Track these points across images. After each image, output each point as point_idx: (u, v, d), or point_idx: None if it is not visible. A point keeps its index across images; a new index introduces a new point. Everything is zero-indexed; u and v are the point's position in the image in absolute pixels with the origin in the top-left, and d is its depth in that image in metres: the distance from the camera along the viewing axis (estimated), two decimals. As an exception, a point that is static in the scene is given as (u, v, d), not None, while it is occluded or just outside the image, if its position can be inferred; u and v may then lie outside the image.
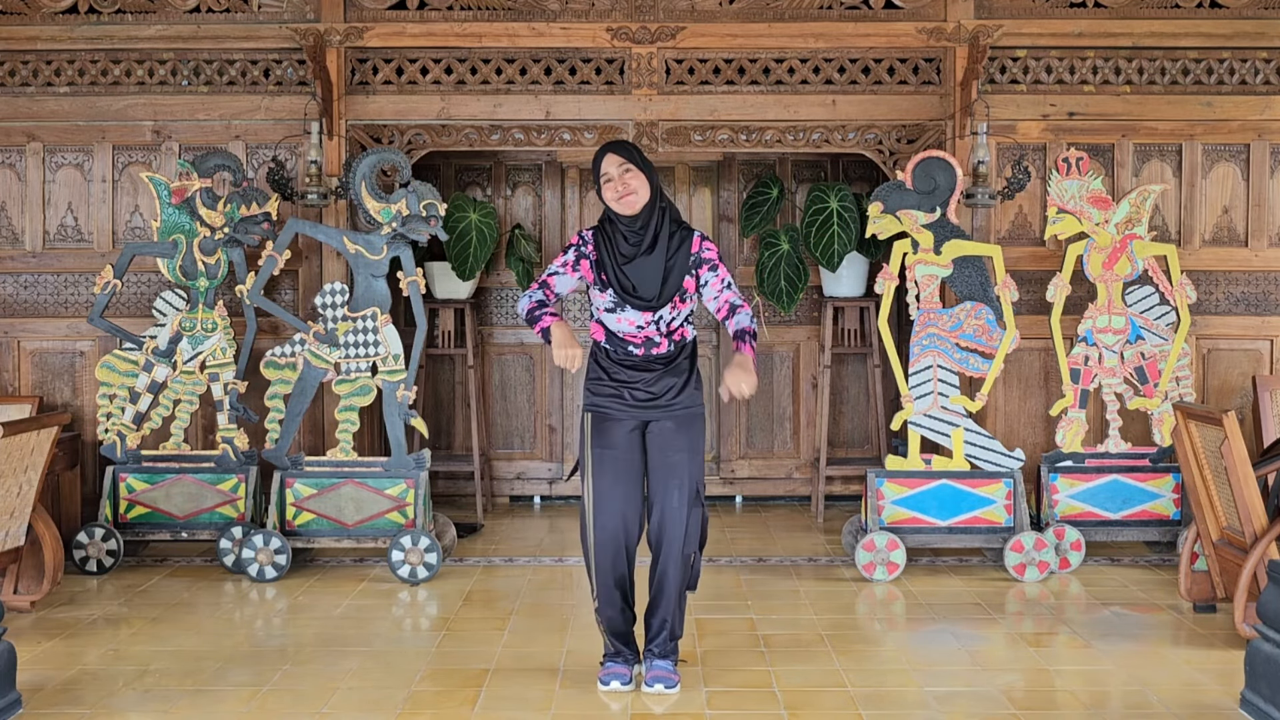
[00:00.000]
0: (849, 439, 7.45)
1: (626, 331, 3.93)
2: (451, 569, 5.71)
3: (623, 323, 3.92)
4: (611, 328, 3.95)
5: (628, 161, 3.87)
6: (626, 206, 3.87)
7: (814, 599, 5.16)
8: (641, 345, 3.93)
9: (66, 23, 6.19)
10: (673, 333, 3.95)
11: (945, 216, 5.68)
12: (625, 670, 3.99)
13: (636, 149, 3.93)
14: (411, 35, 6.19)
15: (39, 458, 4.64)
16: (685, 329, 3.99)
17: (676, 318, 3.94)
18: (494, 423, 7.48)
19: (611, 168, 3.87)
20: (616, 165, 3.87)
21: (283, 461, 5.63)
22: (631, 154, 3.89)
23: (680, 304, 3.94)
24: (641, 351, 3.93)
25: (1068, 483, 5.77)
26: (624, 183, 3.86)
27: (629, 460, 3.94)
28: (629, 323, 3.91)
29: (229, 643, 4.55)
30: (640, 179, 3.87)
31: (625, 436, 3.94)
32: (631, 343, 3.93)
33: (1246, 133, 6.21)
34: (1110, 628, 4.74)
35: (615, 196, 3.87)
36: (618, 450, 3.93)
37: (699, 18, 6.22)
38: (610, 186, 3.87)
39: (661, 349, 3.94)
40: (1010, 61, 6.21)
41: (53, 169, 6.27)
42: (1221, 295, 6.25)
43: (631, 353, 3.93)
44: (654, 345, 3.93)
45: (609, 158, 3.88)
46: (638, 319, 3.90)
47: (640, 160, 3.90)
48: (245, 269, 5.83)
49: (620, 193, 3.85)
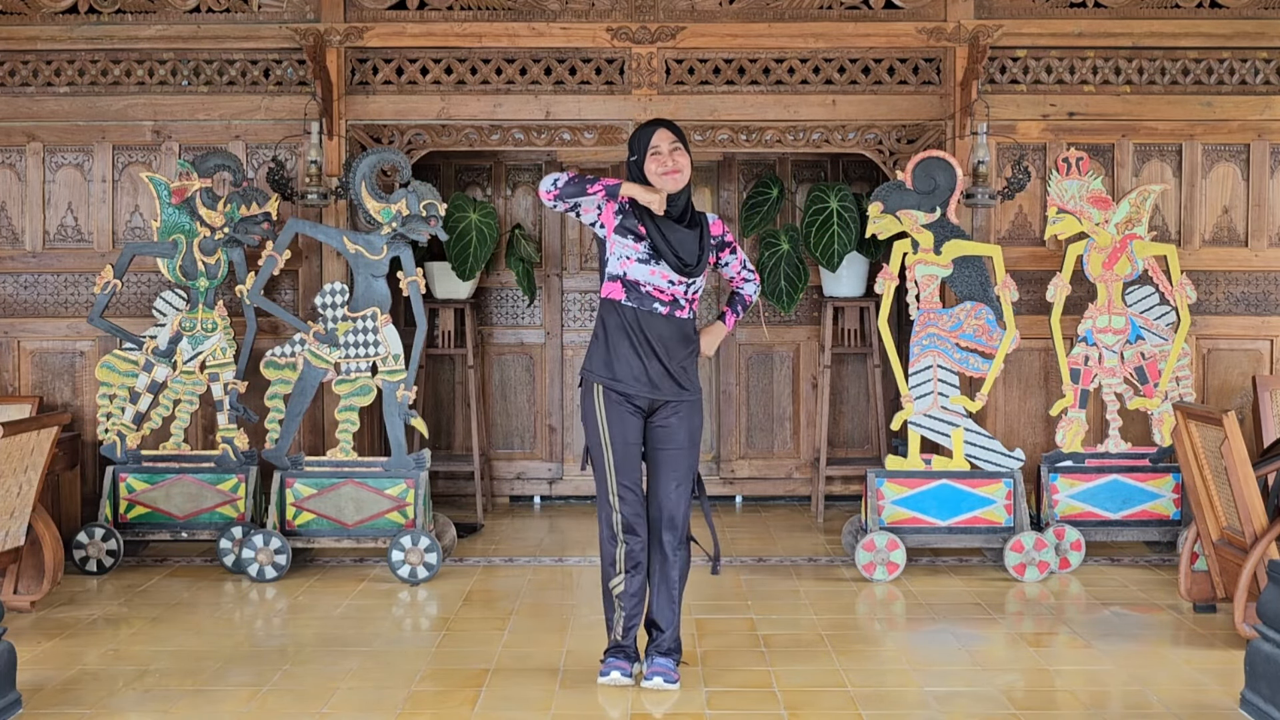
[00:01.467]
0: (849, 439, 7.45)
1: (657, 285, 3.95)
2: (451, 569, 5.71)
3: (656, 275, 3.94)
4: (641, 279, 3.94)
5: (679, 141, 3.97)
6: (671, 182, 3.93)
7: (814, 599, 5.16)
8: (668, 305, 3.96)
9: (66, 23, 6.19)
10: (691, 303, 4.03)
11: (945, 216, 5.68)
12: (626, 664, 4.00)
13: (682, 131, 4.04)
14: (411, 35, 6.19)
15: (39, 458, 4.63)
16: (696, 303, 4.08)
17: (698, 288, 4.03)
18: (494, 423, 7.48)
19: (663, 143, 3.94)
20: (669, 141, 3.95)
21: (283, 461, 5.63)
22: (681, 135, 4.00)
23: (704, 277, 4.06)
24: (666, 311, 3.96)
25: (1068, 483, 5.77)
26: (674, 160, 3.93)
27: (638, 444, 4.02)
28: (662, 277, 3.95)
29: (229, 643, 4.55)
30: (686, 159, 3.97)
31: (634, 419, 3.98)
32: (658, 299, 3.95)
33: (1246, 133, 6.21)
34: (1110, 628, 4.74)
35: (662, 171, 3.93)
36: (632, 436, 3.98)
37: (699, 18, 6.22)
38: (659, 160, 3.93)
39: (684, 313, 3.99)
40: (1010, 61, 6.21)
41: (53, 169, 6.27)
42: (1221, 295, 6.25)
43: (656, 310, 3.95)
44: (679, 307, 3.98)
45: (662, 133, 3.96)
46: (671, 276, 3.95)
47: (686, 143, 4.01)
48: (245, 269, 5.83)
49: (669, 168, 3.93)
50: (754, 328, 7.36)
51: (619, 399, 3.96)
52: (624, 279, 3.96)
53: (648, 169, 3.96)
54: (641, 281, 3.95)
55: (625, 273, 3.96)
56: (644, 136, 3.98)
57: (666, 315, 3.96)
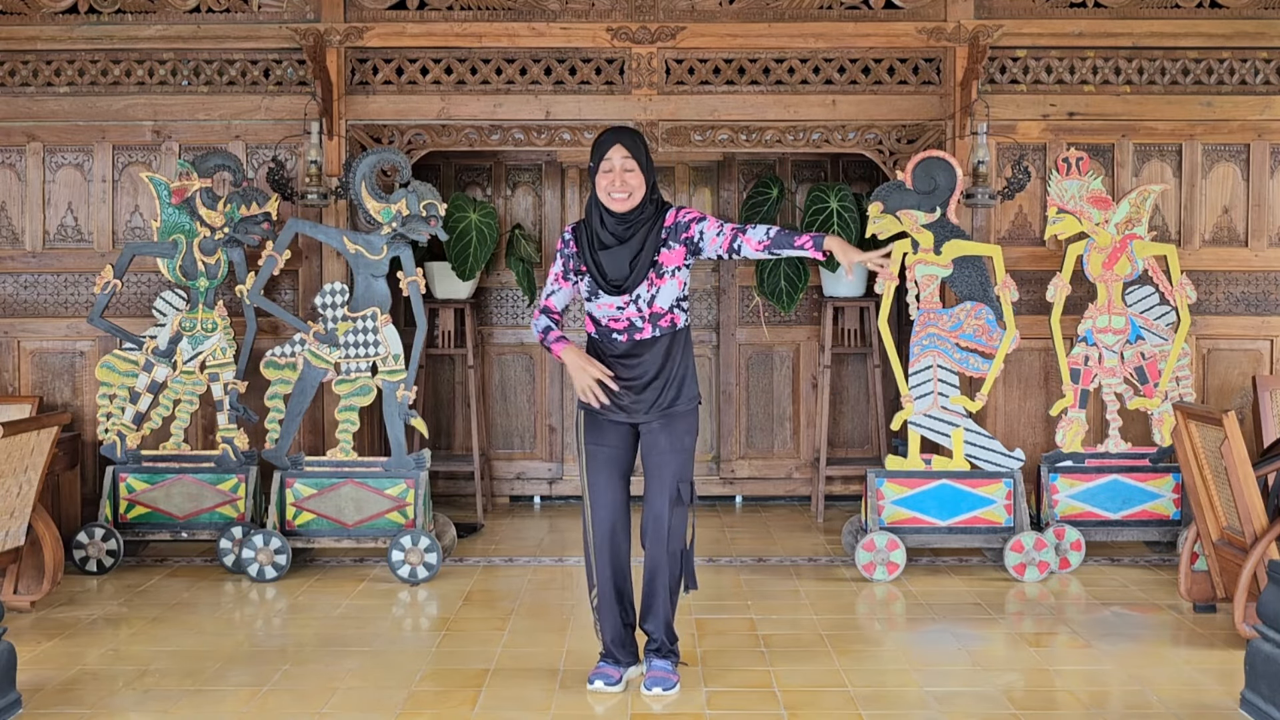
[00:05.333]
0: (849, 439, 7.45)
1: (609, 316, 3.87)
2: (451, 569, 5.71)
3: (603, 307, 3.87)
4: (595, 314, 3.91)
5: (633, 159, 3.80)
6: (616, 204, 3.82)
7: (814, 599, 5.16)
8: (625, 331, 3.86)
9: (66, 23, 6.19)
10: (659, 317, 3.85)
11: (945, 216, 5.68)
12: (614, 672, 3.98)
13: (643, 143, 3.86)
14: (411, 35, 6.19)
15: (39, 458, 4.63)
16: (675, 314, 3.89)
17: (657, 295, 3.84)
18: (494, 423, 7.48)
19: (616, 158, 3.80)
20: (621, 158, 3.80)
21: (283, 461, 5.62)
22: (638, 150, 3.82)
23: (658, 280, 3.84)
24: (625, 338, 3.87)
25: (1068, 483, 5.77)
26: (623, 180, 3.80)
27: (621, 457, 3.96)
28: (609, 305, 3.87)
29: (229, 643, 4.55)
30: (639, 179, 3.82)
31: (616, 433, 3.94)
32: (615, 329, 3.87)
33: (1246, 133, 6.21)
34: (1110, 628, 4.74)
35: (609, 190, 3.80)
36: (610, 448, 3.95)
37: (699, 18, 6.22)
38: (609, 178, 3.80)
39: (645, 334, 3.85)
40: (1010, 61, 6.21)
41: (53, 169, 6.27)
42: (1221, 295, 6.25)
43: (616, 340, 3.87)
44: (636, 330, 3.86)
45: (617, 148, 3.80)
46: (615, 300, 3.85)
47: (645, 158, 3.83)
48: (245, 269, 5.83)
49: (616, 188, 3.80)
50: (754, 328, 7.36)
51: (597, 420, 3.95)
52: (591, 315, 3.94)
53: (598, 183, 3.84)
54: (598, 317, 3.91)
55: (590, 310, 3.94)
56: (601, 146, 3.83)
57: (626, 341, 3.87)
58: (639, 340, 3.87)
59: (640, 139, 3.87)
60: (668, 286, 3.85)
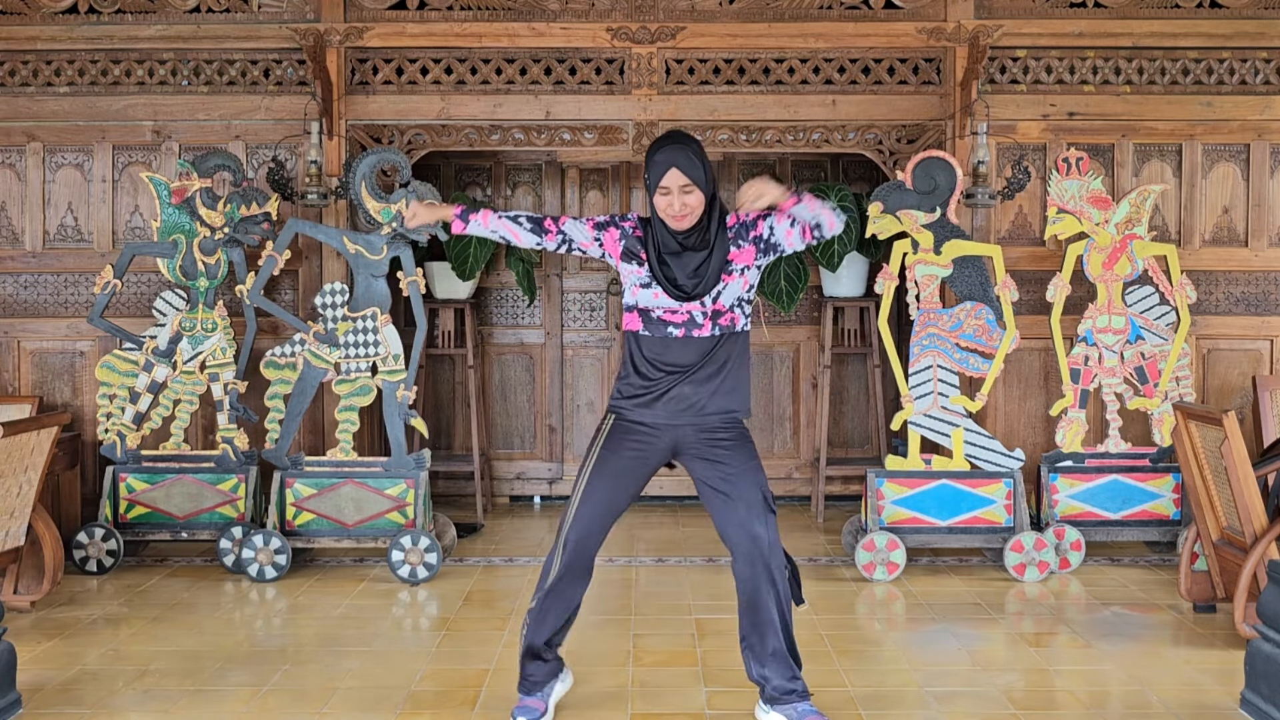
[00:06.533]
0: (849, 439, 7.45)
1: (666, 307, 3.59)
2: (451, 569, 5.71)
3: (661, 297, 3.59)
4: (647, 304, 3.61)
5: (691, 182, 3.50)
6: (677, 223, 3.55)
7: (814, 599, 5.16)
8: (683, 326, 3.58)
9: (66, 23, 6.19)
10: (720, 315, 3.60)
11: (945, 216, 5.68)
12: (539, 704, 3.68)
13: (701, 157, 3.54)
14: (411, 35, 6.19)
15: (39, 458, 4.63)
16: (736, 314, 3.63)
17: (723, 293, 3.60)
18: (494, 423, 7.48)
19: (673, 184, 3.50)
20: (678, 184, 3.50)
21: (283, 461, 5.63)
22: (694, 170, 3.50)
23: (726, 277, 3.60)
24: (682, 333, 3.58)
25: (1068, 483, 5.77)
26: (683, 203, 3.52)
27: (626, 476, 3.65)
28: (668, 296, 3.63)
29: (229, 643, 4.55)
30: (699, 198, 3.53)
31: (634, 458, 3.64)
32: (671, 322, 3.59)
33: (1246, 133, 6.21)
34: (1110, 628, 4.74)
35: (669, 212, 3.54)
36: (621, 463, 3.64)
37: (699, 18, 6.22)
38: (667, 201, 3.53)
39: (704, 330, 3.58)
40: (1010, 61, 6.21)
41: (53, 169, 6.27)
42: (1221, 295, 6.25)
43: (671, 335, 3.58)
44: (695, 325, 3.58)
45: (673, 174, 3.49)
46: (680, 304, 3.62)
47: (703, 173, 3.52)
48: (245, 269, 5.83)
49: (675, 210, 3.53)
50: (754, 328, 7.36)
51: (628, 429, 3.64)
52: (637, 307, 3.64)
53: (656, 203, 3.56)
54: (651, 307, 3.61)
55: (636, 301, 3.63)
56: (657, 168, 3.52)
57: (683, 337, 3.58)
58: (696, 337, 3.61)
59: (695, 151, 3.54)
60: (734, 284, 3.64)
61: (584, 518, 3.62)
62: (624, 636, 4.61)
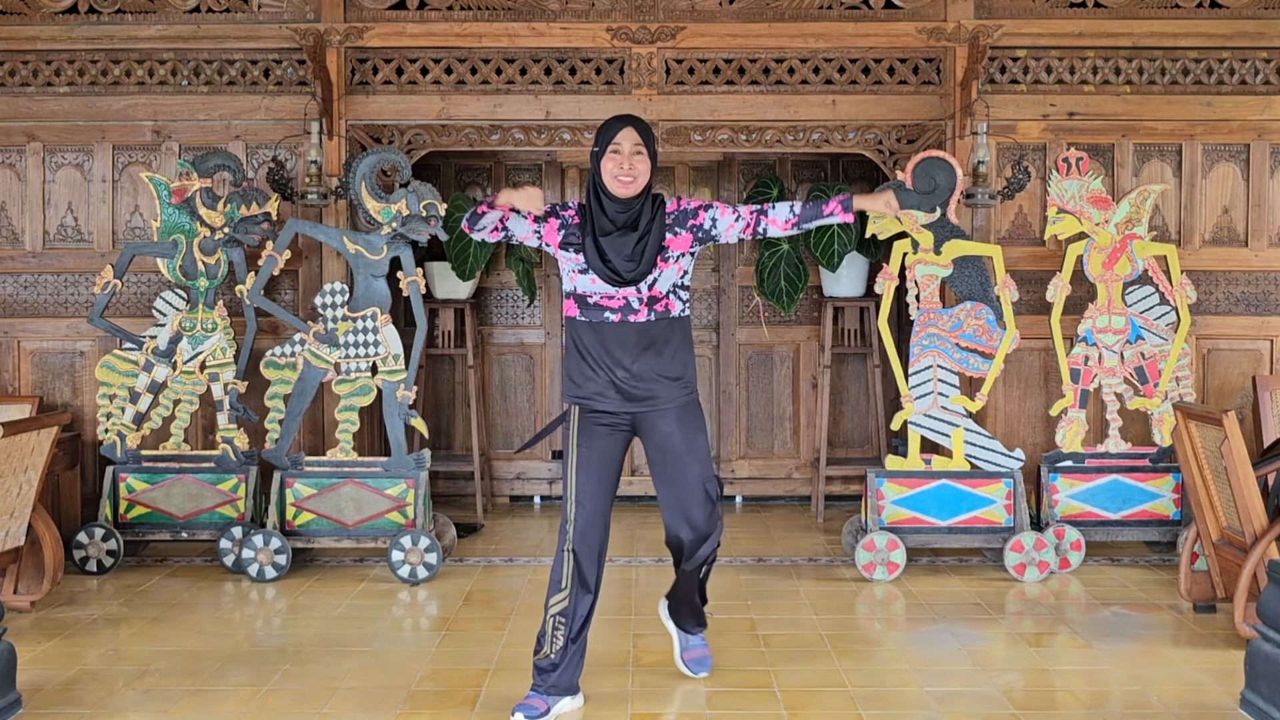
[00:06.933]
0: (849, 439, 7.45)
1: (602, 293, 3.71)
2: (451, 569, 5.71)
3: (598, 283, 3.70)
4: (584, 290, 3.73)
5: (643, 144, 3.71)
6: (622, 188, 3.69)
7: (814, 599, 5.16)
8: (619, 311, 3.71)
9: (66, 23, 6.19)
10: (655, 301, 3.72)
11: (945, 216, 5.68)
12: (541, 704, 3.73)
13: (651, 132, 3.77)
14: (411, 35, 6.19)
15: (39, 458, 4.63)
16: (670, 301, 3.76)
17: (658, 279, 3.72)
18: (494, 423, 7.48)
19: (626, 143, 3.68)
20: (631, 142, 3.69)
21: (283, 461, 5.63)
22: (647, 137, 3.73)
23: (662, 264, 3.73)
24: (618, 318, 3.70)
25: (1068, 483, 5.77)
26: (631, 165, 3.68)
27: (610, 461, 3.77)
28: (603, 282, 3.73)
29: (229, 643, 4.55)
30: (646, 166, 3.71)
31: (609, 438, 3.77)
32: (607, 308, 3.71)
33: (1246, 133, 6.21)
34: (1110, 628, 4.74)
35: (616, 173, 3.68)
36: (600, 452, 3.75)
37: (699, 18, 6.22)
38: (616, 161, 3.68)
39: (640, 316, 3.71)
40: (1010, 61, 6.21)
41: (53, 169, 6.27)
42: (1221, 295, 6.25)
43: (608, 319, 3.71)
44: (631, 311, 3.71)
45: (627, 131, 3.69)
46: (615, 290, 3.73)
47: (652, 149, 3.75)
48: (245, 269, 5.83)
49: (624, 171, 3.67)
50: (754, 328, 7.36)
51: (594, 416, 3.76)
52: (575, 294, 3.75)
53: (603, 166, 3.69)
54: (588, 293, 3.72)
55: (575, 287, 3.75)
56: (610, 130, 3.71)
57: (619, 322, 3.71)
58: (632, 322, 3.72)
59: (649, 129, 3.77)
60: (669, 271, 3.74)
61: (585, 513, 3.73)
62: (624, 636, 4.61)
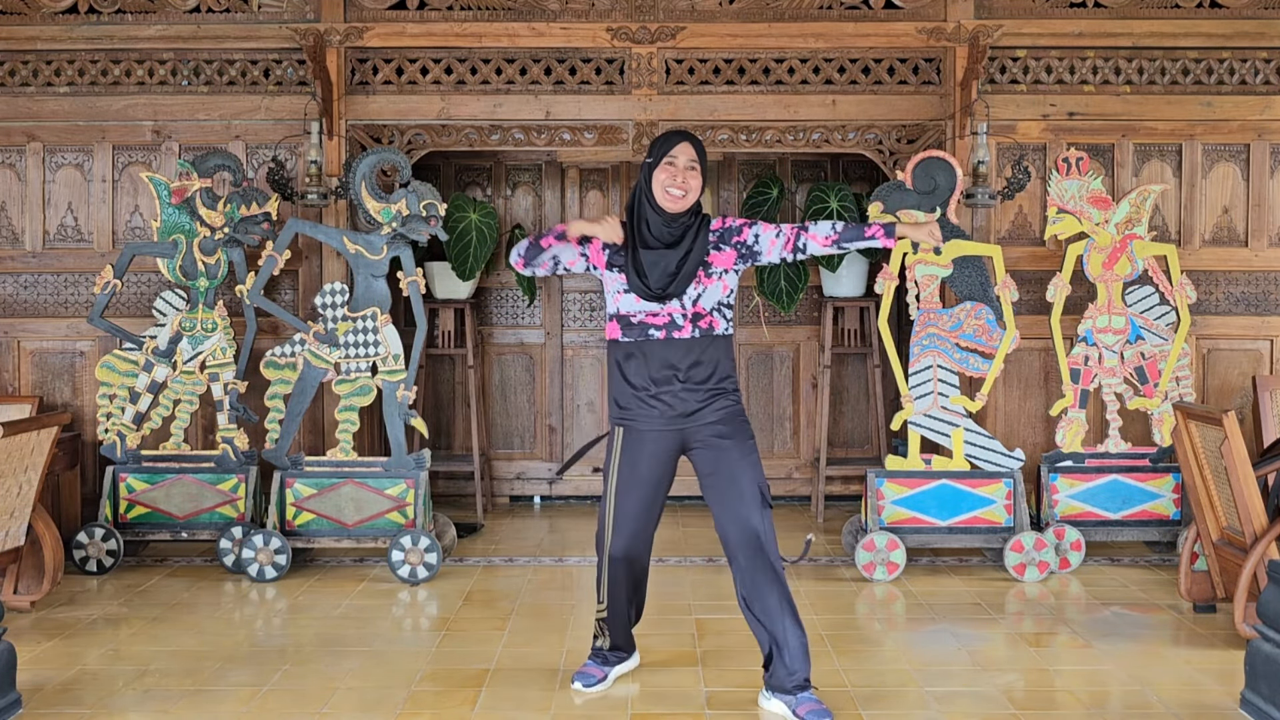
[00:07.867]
0: (849, 439, 7.45)
1: (647, 311, 3.71)
2: (451, 569, 5.71)
3: (641, 301, 3.71)
4: (627, 310, 3.73)
5: (697, 161, 3.73)
6: (671, 202, 3.69)
7: (814, 599, 5.16)
8: (664, 328, 3.70)
9: (66, 23, 6.19)
10: (700, 318, 3.71)
11: (945, 216, 5.68)
12: (597, 671, 3.97)
13: (705, 151, 3.80)
14: (411, 35, 6.19)
15: (39, 458, 4.64)
16: (714, 318, 3.74)
17: (702, 295, 3.71)
18: (494, 423, 7.48)
19: (681, 156, 3.70)
20: (687, 157, 3.71)
21: (283, 461, 5.63)
22: (703, 155, 3.76)
23: (706, 280, 3.72)
24: (664, 335, 3.70)
25: (1068, 483, 5.77)
26: (685, 179, 3.69)
27: (653, 483, 3.78)
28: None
29: (229, 643, 4.55)
30: (698, 182, 3.73)
31: (653, 459, 3.76)
32: (652, 325, 3.71)
33: (1246, 133, 6.21)
34: (1110, 628, 4.74)
35: (668, 185, 3.69)
36: (641, 475, 3.76)
37: (699, 18, 6.22)
38: (670, 172, 3.69)
39: (684, 333, 3.70)
40: (1010, 61, 6.21)
41: (53, 169, 6.27)
42: (1221, 295, 6.25)
43: (653, 336, 3.70)
44: (676, 328, 3.70)
45: (684, 145, 3.71)
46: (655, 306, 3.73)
47: (704, 166, 3.77)
48: (245, 269, 5.83)
49: (676, 184, 3.68)
50: (754, 328, 7.36)
51: (639, 436, 3.75)
52: (618, 314, 3.76)
53: (656, 177, 3.70)
54: (631, 313, 3.73)
55: (618, 308, 3.76)
56: (667, 142, 3.73)
57: (665, 339, 3.70)
58: (677, 339, 3.71)
59: (704, 148, 3.80)
60: (713, 288, 3.74)
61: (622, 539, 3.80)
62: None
